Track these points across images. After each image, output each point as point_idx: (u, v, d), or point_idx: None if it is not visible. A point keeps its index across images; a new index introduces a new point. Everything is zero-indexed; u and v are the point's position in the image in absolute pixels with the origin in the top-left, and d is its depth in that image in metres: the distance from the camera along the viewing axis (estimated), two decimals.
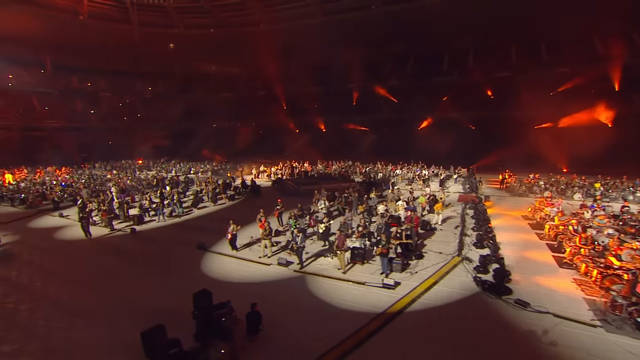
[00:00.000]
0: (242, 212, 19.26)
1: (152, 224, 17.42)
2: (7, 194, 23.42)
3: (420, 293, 9.40)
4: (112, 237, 15.71)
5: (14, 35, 44.89)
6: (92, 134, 53.18)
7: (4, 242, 14.92)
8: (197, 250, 13.27)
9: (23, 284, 11.05)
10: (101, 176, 32.55)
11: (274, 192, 24.93)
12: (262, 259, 12.16)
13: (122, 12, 50.19)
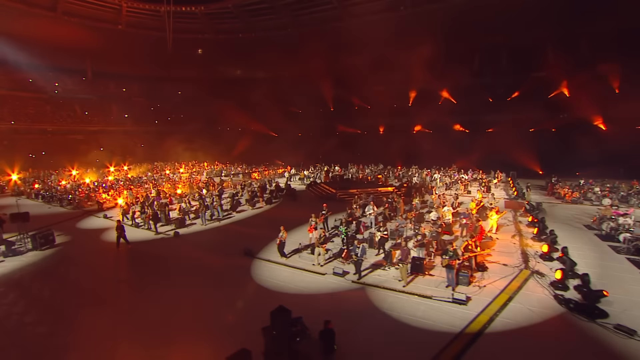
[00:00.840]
0: (282, 216, 18.83)
1: (194, 227, 17.15)
2: (57, 194, 23.93)
3: (496, 311, 8.48)
4: (156, 240, 15.49)
5: (62, 45, 46.70)
6: (126, 137, 54.64)
7: (58, 242, 15.01)
8: (244, 256, 12.82)
9: (81, 286, 10.89)
10: (138, 178, 33.00)
11: (309, 196, 24.42)
12: (315, 267, 11.53)
13: (157, 20, 51.52)
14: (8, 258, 13.41)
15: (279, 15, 48.39)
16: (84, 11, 45.53)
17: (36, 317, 9.13)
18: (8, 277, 11.78)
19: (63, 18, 44.16)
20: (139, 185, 28.15)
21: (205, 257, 13.17)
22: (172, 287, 10.66)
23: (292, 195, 22.93)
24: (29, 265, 12.76)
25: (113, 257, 13.73)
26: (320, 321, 6.99)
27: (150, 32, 51.64)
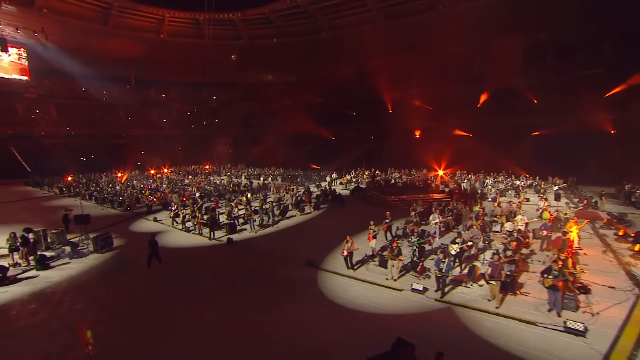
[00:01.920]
0: (333, 223, 17.95)
1: (244, 233, 16.53)
2: (108, 196, 24.26)
3: (632, 349, 7.09)
4: (211, 247, 14.92)
5: (110, 56, 48.90)
6: (163, 140, 56.05)
7: (118, 245, 14.81)
8: (306, 267, 11.98)
9: (143, 293, 10.43)
10: (179, 180, 33.19)
11: (355, 201, 23.44)
12: (389, 282, 10.49)
13: (196, 28, 52.66)
14: (73, 260, 13.28)
15: (313, 19, 48.03)
16: (131, 23, 47.35)
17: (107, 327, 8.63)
18: (75, 279, 11.53)
19: (113, 31, 46.13)
20: (182, 187, 28.20)
21: (266, 267, 12.39)
22: (239, 300, 9.94)
23: (340, 201, 21.99)
24: (92, 268, 12.52)
25: (170, 263, 13.26)
26: (422, 348, 5.95)
27: (188, 40, 52.85)
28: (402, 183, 26.84)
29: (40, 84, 48.55)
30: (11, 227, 18.44)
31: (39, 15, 40.03)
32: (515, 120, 37.13)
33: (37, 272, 12.24)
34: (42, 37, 42.04)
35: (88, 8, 42.74)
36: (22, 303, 9.97)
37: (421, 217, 15.67)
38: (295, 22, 49.67)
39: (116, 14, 45.26)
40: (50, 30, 42.33)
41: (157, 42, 50.56)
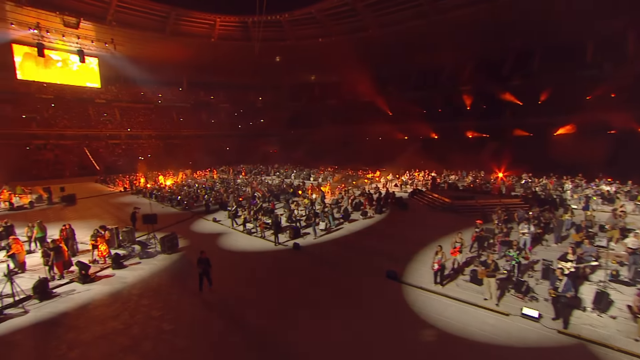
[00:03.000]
0: (403, 229, 16.57)
1: (308, 238, 15.66)
2: (167, 195, 24.71)
3: None
4: (277, 252, 14.12)
5: (165, 61, 51.16)
6: (212, 140, 57.54)
7: (182, 246, 14.60)
8: (386, 279, 10.79)
9: (214, 302, 9.81)
10: (231, 180, 33.31)
11: (418, 206, 21.83)
12: (488, 302, 9.01)
13: (244, 31, 53.41)
14: (143, 260, 13.16)
15: (360, 17, 46.73)
16: (185, 29, 49.12)
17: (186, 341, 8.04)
18: (147, 282, 11.27)
19: (169, 38, 48.16)
20: (234, 187, 28.15)
21: (342, 278, 11.34)
22: (319, 314, 8.99)
23: (402, 205, 20.52)
24: (162, 271, 12.24)
25: (236, 268, 12.69)
26: None
27: (237, 42, 53.73)
28: (463, 186, 24.70)
29: (108, 90, 51.88)
30: (88, 222, 19.18)
31: (109, 28, 43.44)
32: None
33: (113, 270, 12.18)
34: (111, 47, 45.06)
35: (149, 18, 45.27)
36: (104, 304, 9.78)
37: (505, 225, 13.82)
38: (341, 21, 48.68)
39: (173, 22, 47.21)
40: (117, 40, 45.37)
41: (208, 46, 51.99)
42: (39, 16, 39.34)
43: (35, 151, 42.10)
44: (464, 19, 38.03)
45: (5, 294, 9.78)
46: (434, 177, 27.43)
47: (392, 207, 20.64)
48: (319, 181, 32.82)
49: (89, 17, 41.58)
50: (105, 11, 42.22)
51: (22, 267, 12.15)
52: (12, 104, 43.49)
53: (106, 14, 42.53)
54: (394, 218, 18.87)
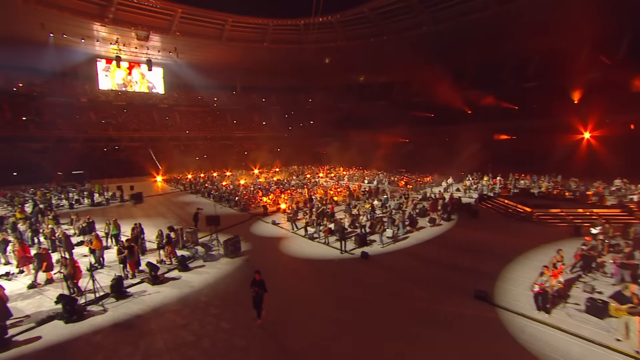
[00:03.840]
0: (480, 240, 14.74)
1: (375, 247, 14.46)
2: (225, 195, 24.98)
3: None
4: (344, 261, 13.03)
5: (220, 66, 53.21)
6: (264, 142, 58.44)
7: (244, 250, 14.21)
8: (474, 299, 9.29)
9: (282, 316, 9.03)
10: (285, 181, 33.13)
11: (489, 213, 19.65)
12: (622, 344, 7.17)
13: (296, 34, 53.67)
14: (207, 262, 12.92)
15: (414, 13, 44.49)
16: (240, 35, 50.59)
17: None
18: (214, 288, 10.88)
19: (225, 44, 49.97)
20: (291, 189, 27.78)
21: (422, 295, 10.00)
22: (399, 334, 7.80)
23: (472, 212, 18.52)
24: (227, 277, 11.82)
25: (304, 278, 11.89)
26: None
27: (288, 46, 54.16)
28: (539, 192, 21.81)
29: (170, 96, 55.25)
30: (154, 220, 19.79)
31: (173, 39, 46.54)
32: None
33: (179, 272, 12.03)
34: (174, 55, 48.05)
35: (208, 27, 47.58)
36: (173, 310, 9.48)
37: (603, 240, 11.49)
38: (394, 19, 46.84)
39: (229, 28, 48.91)
40: (179, 49, 48.19)
41: (261, 50, 53.02)
42: (118, 32, 43.35)
43: (110, 152, 45.77)
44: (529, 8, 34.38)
45: (87, 289, 10.09)
46: (504, 182, 24.71)
47: (459, 214, 18.71)
48: (374, 184, 31.47)
49: (157, 29, 44.73)
50: (171, 23, 44.99)
51: (101, 262, 12.49)
52: (94, 110, 47.85)
53: (171, 25, 45.29)
54: (465, 227, 16.98)
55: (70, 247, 13.12)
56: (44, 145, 39.41)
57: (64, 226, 17.85)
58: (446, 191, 25.36)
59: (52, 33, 40.11)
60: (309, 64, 57.55)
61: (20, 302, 10.05)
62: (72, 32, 41.46)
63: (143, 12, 42.30)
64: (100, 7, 39.81)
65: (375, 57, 53.81)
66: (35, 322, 8.87)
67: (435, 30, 44.52)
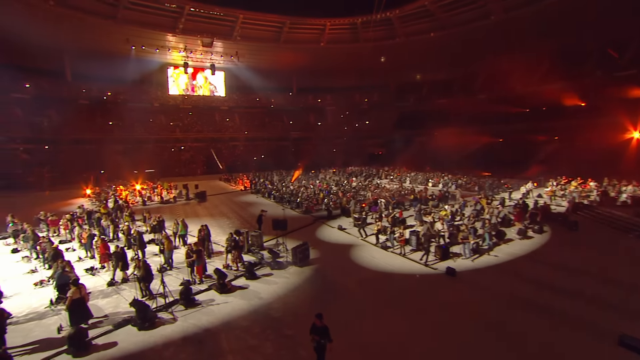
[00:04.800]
0: (597, 262, 11.87)
1: (459, 261, 12.39)
2: (286, 196, 24.30)
3: None
4: (428, 277, 11.28)
5: (277, 68, 53.79)
6: (319, 142, 57.76)
7: (313, 257, 13.05)
8: (618, 346, 6.98)
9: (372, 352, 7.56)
10: (345, 183, 31.70)
11: (587, 225, 16.28)
12: None
13: (353, 33, 52.32)
14: (274, 271, 11.96)
15: (481, 3, 40.40)
16: (297, 37, 50.65)
17: None
18: (284, 301, 9.78)
19: (283, 46, 50.33)
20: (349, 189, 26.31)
21: (538, 332, 7.90)
22: None
23: (570, 224, 15.39)
24: (297, 288, 10.68)
25: (385, 298, 10.32)
26: None
27: (345, 45, 52.96)
28: None
29: (230, 98, 57.31)
30: (217, 220, 19.60)
31: (234, 43, 48.12)
32: None
33: (246, 280, 11.19)
34: (235, 59, 49.58)
35: (267, 30, 48.38)
36: (244, 327, 8.52)
37: None
38: (458, 11, 43.17)
39: (287, 30, 49.12)
40: (240, 53, 49.63)
41: (317, 51, 52.48)
42: (186, 41, 46.16)
43: (177, 152, 48.48)
44: None
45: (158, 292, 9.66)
46: (601, 188, 20.63)
47: (551, 225, 15.67)
48: (440, 187, 28.76)
49: (220, 35, 46.53)
50: (232, 29, 46.44)
51: (170, 263, 12.19)
52: (164, 114, 51.23)
53: (233, 31, 46.71)
54: (565, 242, 14.03)
55: (143, 246, 13.02)
56: (125, 146, 42.81)
57: (138, 222, 18.33)
58: (526, 197, 21.97)
59: (134, 46, 44.01)
60: (365, 62, 55.80)
61: (100, 300, 9.93)
62: (149, 43, 44.99)
63: (208, 21, 44.26)
64: (173, 19, 42.62)
65: (436, 52, 50.46)
66: (113, 325, 8.54)
67: (506, 19, 40.11)
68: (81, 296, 8.28)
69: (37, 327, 8.64)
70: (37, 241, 13.07)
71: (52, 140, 39.67)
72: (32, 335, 8.26)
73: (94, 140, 40.96)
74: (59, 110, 41.50)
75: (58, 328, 8.31)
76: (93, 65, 42.79)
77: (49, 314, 9.26)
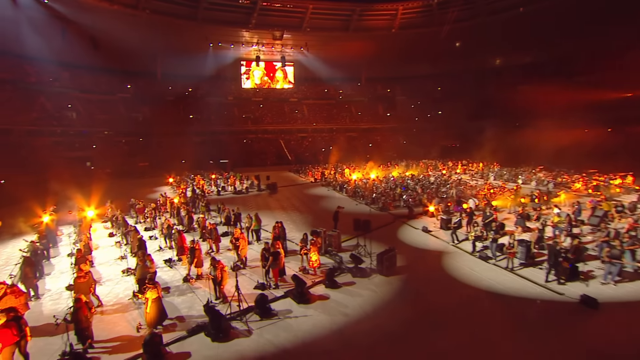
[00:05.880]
0: None
1: (592, 284, 9.26)
2: (359, 190, 22.45)
3: None
4: (554, 304, 8.58)
5: (345, 58, 51.92)
6: (388, 134, 54.51)
7: (399, 265, 11.03)
8: None
9: None
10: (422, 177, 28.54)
11: None
12: None
13: (427, 16, 47.99)
14: (356, 278, 10.25)
15: None
16: (367, 24, 48.40)
17: None
18: (373, 321, 8.03)
19: (352, 34, 48.16)
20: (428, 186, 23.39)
21: None
22: None
23: None
24: (388, 306, 8.81)
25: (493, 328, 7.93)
26: None
27: (417, 30, 48.78)
28: None
29: (299, 90, 57.14)
30: (290, 214, 18.56)
31: (304, 34, 47.46)
32: None
33: (326, 289, 9.66)
34: (305, 50, 48.93)
35: (336, 19, 46.87)
36: (330, 351, 7.01)
37: None
38: None
39: (357, 18, 46.86)
40: (309, 44, 48.77)
41: (388, 37, 49.22)
42: (258, 35, 47.03)
43: (248, 144, 49.81)
44: None
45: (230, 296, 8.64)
46: None
47: None
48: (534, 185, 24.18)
49: (290, 28, 46.24)
50: (302, 20, 45.62)
51: (244, 262, 11.27)
52: (237, 107, 53.09)
53: (302, 22, 45.88)
54: None
55: (217, 240, 12.38)
56: (203, 138, 45.19)
57: (212, 212, 18.19)
58: None
59: (211, 43, 46.04)
60: (439, 48, 50.84)
61: (176, 298, 9.32)
62: (224, 40, 46.72)
63: (279, 14, 44.24)
64: (246, 14, 43.54)
65: (524, 31, 43.58)
66: (187, 331, 7.70)
67: None
68: (158, 296, 7.55)
69: (120, 321, 8.26)
70: (127, 228, 13.28)
71: (144, 133, 43.58)
72: (116, 330, 7.85)
73: (178, 133, 44.05)
74: (150, 107, 45.52)
75: (137, 327, 7.75)
76: (177, 64, 46.11)
77: (132, 306, 8.89)
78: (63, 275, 10.88)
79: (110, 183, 28.61)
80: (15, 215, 17.17)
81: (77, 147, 37.34)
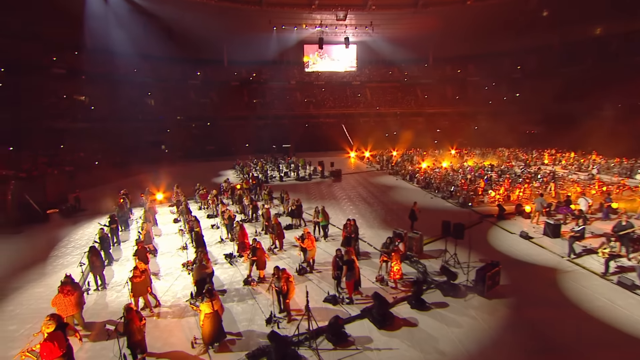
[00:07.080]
0: None
1: None
2: (435, 183, 19.54)
3: None
4: None
5: (412, 36, 47.22)
6: (457, 118, 48.96)
7: (502, 283, 8.46)
8: None
9: None
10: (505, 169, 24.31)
11: None
12: None
13: None
14: (448, 299, 8.01)
15: None
16: None
17: None
18: None
19: (421, 10, 43.18)
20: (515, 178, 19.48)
21: None
22: None
23: None
24: (497, 342, 6.51)
25: None
26: None
27: (496, 1, 41.56)
28: None
29: (362, 73, 53.95)
30: (357, 207, 16.49)
31: (369, 13, 43.36)
32: None
33: (411, 309, 7.63)
34: (370, 30, 45.40)
35: None
36: None
37: None
38: None
39: None
40: (375, 23, 44.86)
41: (460, 12, 42.97)
42: (321, 16, 44.07)
43: (310, 128, 48.52)
44: None
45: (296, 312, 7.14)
46: None
47: None
48: None
49: (354, 7, 42.96)
50: None
51: (311, 265, 9.67)
52: (299, 91, 51.98)
53: (367, 0, 42.12)
54: None
55: (281, 236, 10.99)
56: (265, 122, 45.11)
57: (275, 201, 17.04)
58: None
59: (275, 27, 44.95)
60: (521, 20, 43.23)
61: (235, 306, 8.02)
62: (287, 22, 45.07)
63: None
64: None
65: None
66: (246, 356, 6.31)
67: None
68: (214, 311, 6.26)
69: (176, 329, 7.26)
70: (188, 217, 12.58)
71: (212, 118, 44.93)
72: (170, 342, 6.82)
73: (242, 117, 44.55)
74: (218, 92, 46.71)
75: (192, 342, 6.60)
76: (242, 50, 46.24)
77: (189, 311, 7.85)
78: (129, 264, 10.45)
79: (180, 166, 29.58)
80: (102, 195, 18.02)
81: (155, 132, 39.78)
